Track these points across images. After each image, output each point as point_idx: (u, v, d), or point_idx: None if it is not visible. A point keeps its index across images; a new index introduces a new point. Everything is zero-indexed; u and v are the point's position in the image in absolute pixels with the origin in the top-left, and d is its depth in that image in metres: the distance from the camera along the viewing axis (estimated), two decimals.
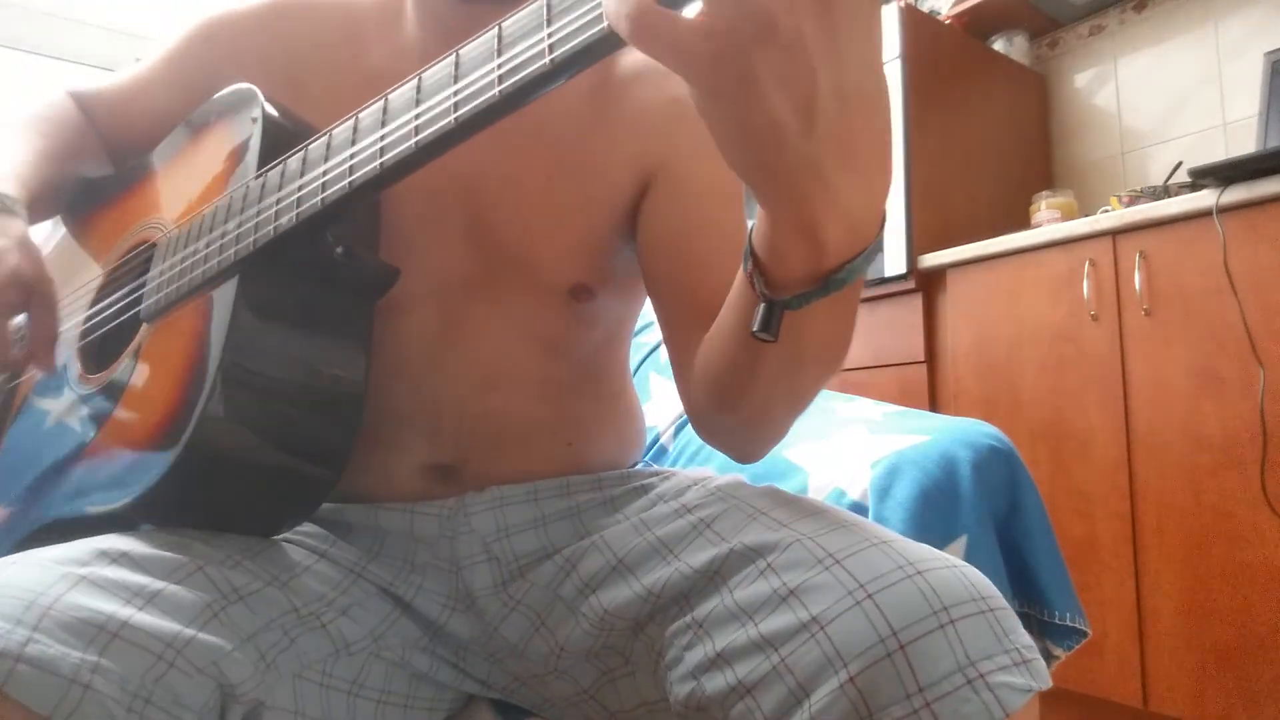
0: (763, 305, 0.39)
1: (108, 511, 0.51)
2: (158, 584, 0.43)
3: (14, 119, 0.71)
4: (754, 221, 0.40)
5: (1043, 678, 0.39)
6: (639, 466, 0.76)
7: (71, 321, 0.67)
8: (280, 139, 0.56)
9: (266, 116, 0.56)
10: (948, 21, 2.12)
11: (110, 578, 0.42)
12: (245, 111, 0.58)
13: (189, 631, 0.42)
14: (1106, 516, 1.46)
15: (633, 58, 0.63)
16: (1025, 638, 0.40)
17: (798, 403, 0.50)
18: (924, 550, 0.43)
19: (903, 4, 1.91)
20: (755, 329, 0.39)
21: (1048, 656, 0.78)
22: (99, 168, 0.74)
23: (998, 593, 0.41)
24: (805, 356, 0.44)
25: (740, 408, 0.50)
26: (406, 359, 0.59)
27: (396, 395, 0.59)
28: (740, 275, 0.43)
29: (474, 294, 0.60)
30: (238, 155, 0.57)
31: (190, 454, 0.48)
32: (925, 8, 2.25)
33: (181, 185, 0.63)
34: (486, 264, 0.60)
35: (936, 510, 0.70)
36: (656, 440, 1.03)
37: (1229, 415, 1.32)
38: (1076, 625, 0.76)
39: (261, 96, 0.57)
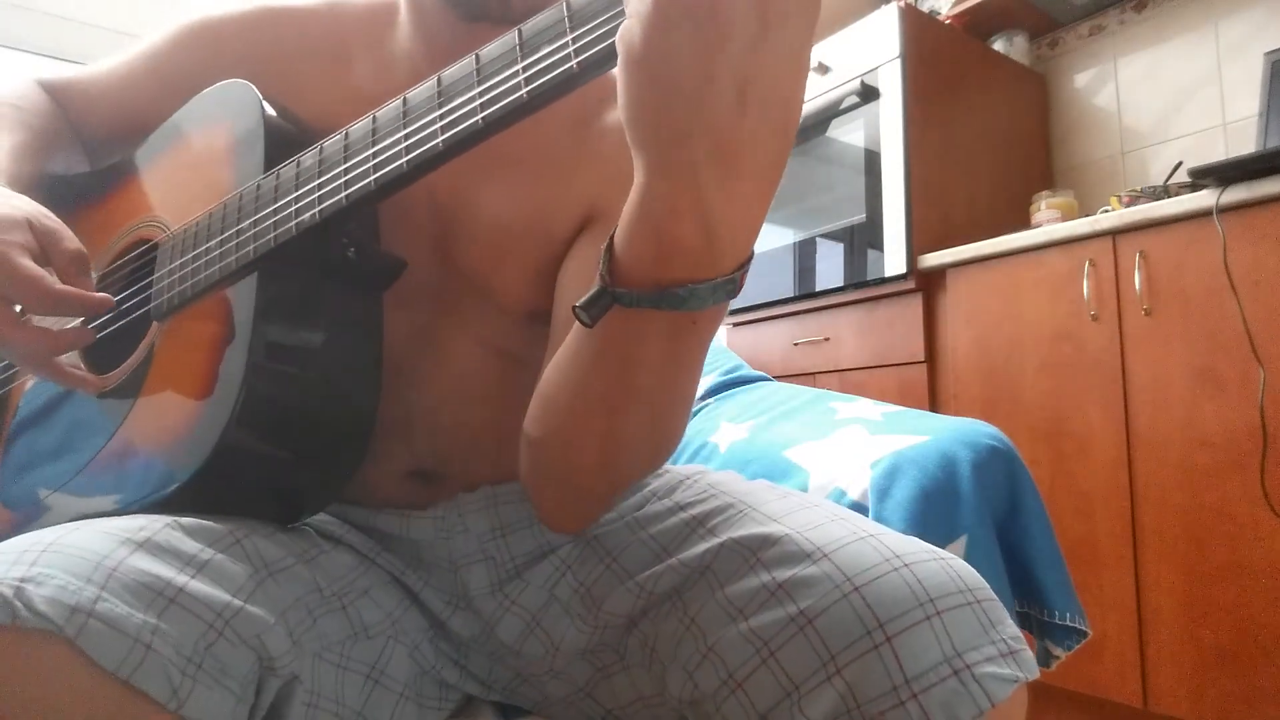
0: (596, 287, 0.39)
1: (140, 506, 0.50)
2: (207, 553, 0.44)
3: None
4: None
5: (1030, 668, 0.39)
6: None
7: (68, 323, 0.64)
8: (283, 137, 0.55)
9: (267, 115, 0.55)
10: (948, 21, 2.11)
11: (163, 545, 0.42)
12: (243, 108, 0.57)
13: (236, 602, 0.42)
14: (1106, 516, 1.46)
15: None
16: (1012, 629, 0.40)
17: (612, 457, 0.47)
18: (912, 543, 0.43)
19: (903, 4, 1.91)
20: (578, 304, 0.39)
21: (1048, 656, 0.78)
22: (74, 164, 0.71)
23: (985, 584, 0.41)
24: (632, 386, 0.43)
25: (551, 440, 0.49)
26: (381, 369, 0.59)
27: None
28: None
29: (440, 307, 0.60)
30: (240, 152, 0.56)
31: (221, 450, 0.48)
32: (925, 8, 2.25)
33: (177, 183, 0.62)
34: (450, 281, 0.60)
35: (936, 510, 0.71)
36: None
37: (1229, 415, 1.32)
38: (1076, 625, 0.76)
39: (259, 94, 0.56)
